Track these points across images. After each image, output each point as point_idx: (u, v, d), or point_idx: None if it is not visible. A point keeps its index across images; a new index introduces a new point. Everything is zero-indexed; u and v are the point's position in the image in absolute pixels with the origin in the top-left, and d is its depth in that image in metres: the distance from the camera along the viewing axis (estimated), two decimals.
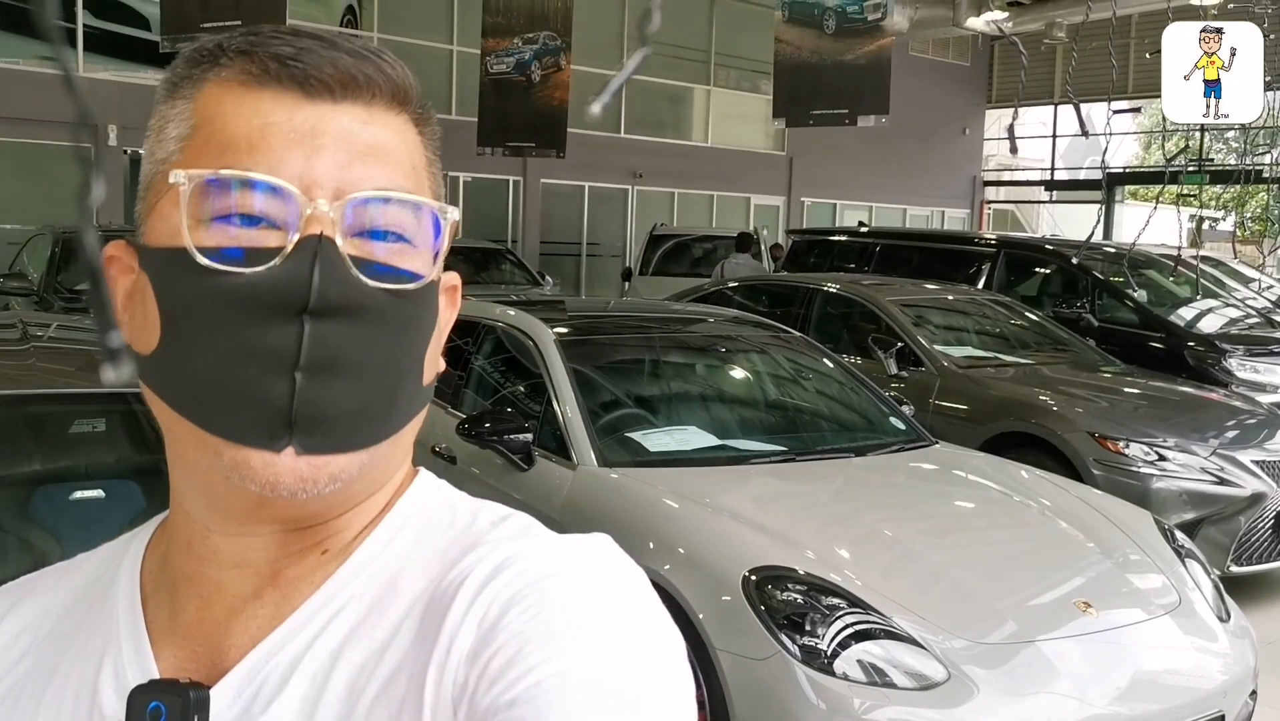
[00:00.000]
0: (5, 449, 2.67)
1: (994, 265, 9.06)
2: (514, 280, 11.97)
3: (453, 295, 0.74)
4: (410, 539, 0.69)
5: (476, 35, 11.23)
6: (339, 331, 0.61)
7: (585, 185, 17.18)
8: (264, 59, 0.64)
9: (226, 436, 0.61)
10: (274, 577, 0.67)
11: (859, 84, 9.67)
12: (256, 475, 0.61)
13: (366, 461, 0.65)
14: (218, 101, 0.65)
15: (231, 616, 0.67)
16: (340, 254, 0.61)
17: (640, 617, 0.62)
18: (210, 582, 0.68)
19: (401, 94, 0.67)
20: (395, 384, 0.65)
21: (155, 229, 0.65)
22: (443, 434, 4.33)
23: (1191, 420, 5.78)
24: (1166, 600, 3.32)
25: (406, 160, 0.67)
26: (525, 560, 0.63)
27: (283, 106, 0.64)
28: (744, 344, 4.98)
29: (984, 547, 3.63)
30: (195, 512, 0.68)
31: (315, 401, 0.60)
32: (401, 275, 0.64)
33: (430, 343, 0.68)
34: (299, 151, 0.63)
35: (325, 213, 0.61)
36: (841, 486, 3.99)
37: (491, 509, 0.71)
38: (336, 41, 0.66)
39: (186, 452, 0.65)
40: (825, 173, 19.62)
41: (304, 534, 0.67)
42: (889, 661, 2.80)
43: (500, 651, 0.58)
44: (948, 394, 6.12)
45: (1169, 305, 8.57)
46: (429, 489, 0.73)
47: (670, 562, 3.14)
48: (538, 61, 10.82)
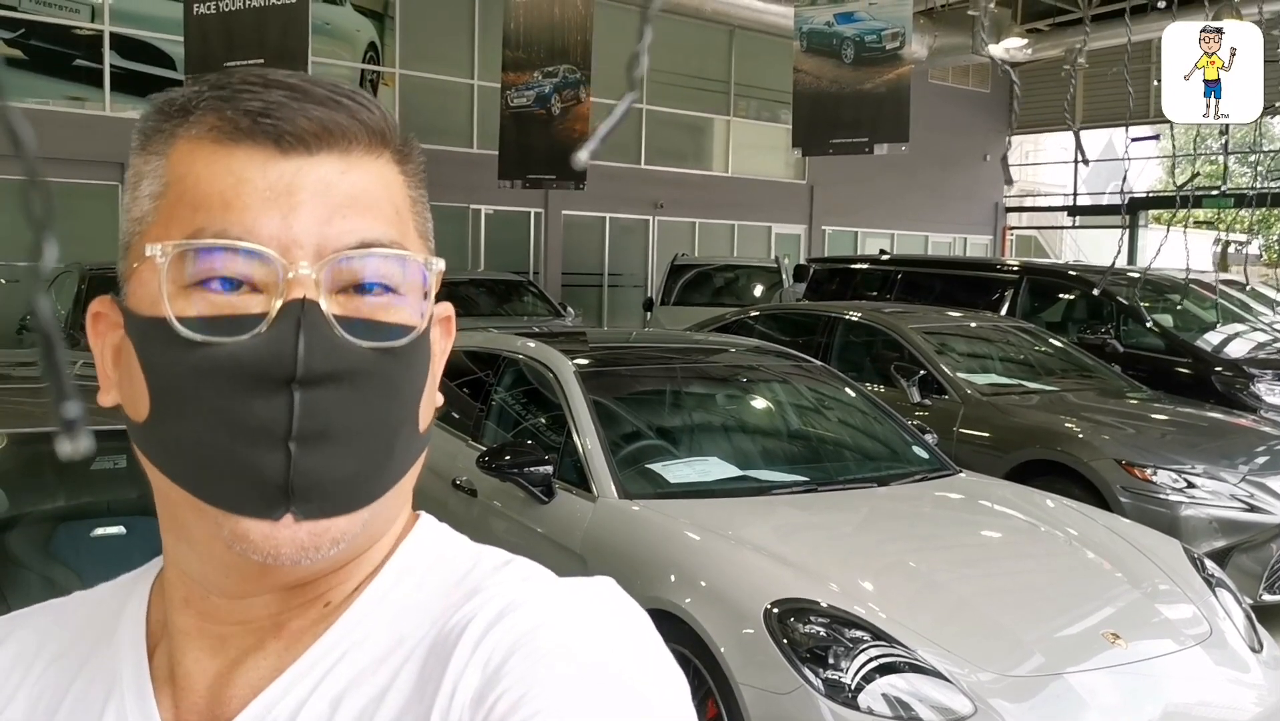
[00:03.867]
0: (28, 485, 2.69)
1: (1017, 291, 9.01)
2: (536, 311, 12.01)
3: (447, 325, 0.73)
4: (411, 586, 0.68)
5: (497, 70, 11.31)
6: (329, 398, 0.60)
7: (606, 216, 17.25)
8: (235, 115, 0.63)
9: (225, 507, 0.60)
10: (277, 630, 0.67)
11: (878, 112, 9.69)
12: (258, 546, 0.61)
13: (368, 518, 0.64)
14: (190, 159, 0.64)
15: (233, 668, 0.66)
16: (325, 317, 0.60)
17: (644, 660, 0.61)
18: (212, 637, 0.67)
19: (379, 136, 0.66)
20: (391, 439, 0.64)
21: (136, 294, 0.64)
22: (464, 467, 4.33)
23: (1220, 446, 5.71)
24: (1197, 630, 3.26)
25: (388, 204, 0.66)
26: (529, 605, 0.62)
27: (255, 163, 0.62)
28: (765, 373, 4.97)
29: (1010, 578, 3.58)
30: (193, 574, 0.67)
31: (311, 470, 0.60)
32: (391, 331, 0.63)
33: (425, 388, 0.67)
34: (275, 210, 0.61)
35: (307, 275, 0.60)
36: (864, 517, 3.95)
37: (492, 554, 0.71)
38: (308, 90, 0.64)
39: (184, 518, 0.64)
40: (846, 201, 19.63)
41: (305, 588, 0.67)
42: (914, 695, 2.76)
43: (505, 696, 0.58)
44: (972, 422, 6.07)
45: (1195, 330, 8.49)
46: (429, 535, 0.73)
47: (691, 596, 3.11)
48: (557, 95, 10.89)
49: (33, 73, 12.59)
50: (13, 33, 12.49)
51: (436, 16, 15.25)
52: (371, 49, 15.14)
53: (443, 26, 15.33)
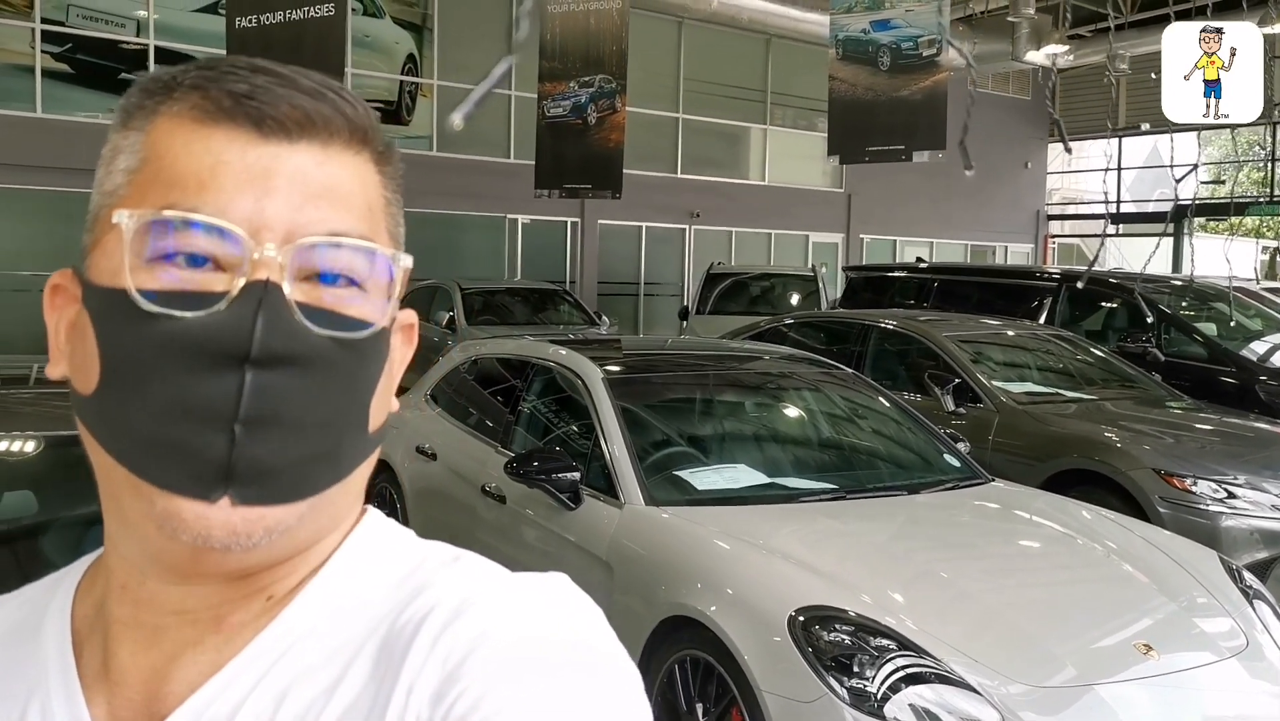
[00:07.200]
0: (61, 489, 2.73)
1: (1055, 300, 8.91)
2: (571, 320, 12.04)
3: (409, 333, 0.72)
4: (357, 581, 0.67)
5: (533, 80, 11.37)
6: (281, 382, 0.59)
7: (642, 225, 17.27)
8: (218, 95, 0.62)
9: (160, 485, 0.59)
10: (217, 624, 0.65)
11: (914, 120, 9.61)
12: (188, 526, 0.59)
13: (307, 512, 0.63)
14: (169, 136, 0.63)
15: (170, 662, 0.65)
16: (286, 301, 0.59)
17: (601, 657, 0.61)
18: (148, 628, 0.65)
19: (360, 133, 0.65)
20: (339, 434, 0.63)
21: (98, 265, 0.63)
22: (494, 473, 4.35)
23: (1264, 457, 5.59)
24: (1233, 642, 3.19)
25: (362, 201, 0.65)
26: (486, 603, 0.62)
27: (235, 145, 0.62)
28: (795, 381, 4.94)
29: (1042, 589, 3.53)
30: (131, 558, 0.65)
31: (254, 454, 0.58)
32: (350, 324, 0.62)
33: (379, 388, 0.66)
34: (250, 192, 0.61)
35: (273, 257, 0.60)
36: (894, 525, 3.91)
37: (440, 549, 0.70)
38: (295, 79, 0.64)
39: (121, 497, 0.63)
40: (884, 209, 19.51)
41: (247, 580, 0.65)
42: (942, 706, 2.72)
43: (464, 695, 0.57)
44: (1007, 431, 6.00)
45: (1239, 338, 8.34)
46: (376, 530, 0.71)
47: (716, 603, 3.10)
48: (593, 104, 10.92)
49: (80, 86, 12.84)
50: (60, 47, 12.75)
51: (474, 28, 15.36)
52: (410, 61, 15.29)
53: (480, 38, 15.45)
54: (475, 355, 5.59)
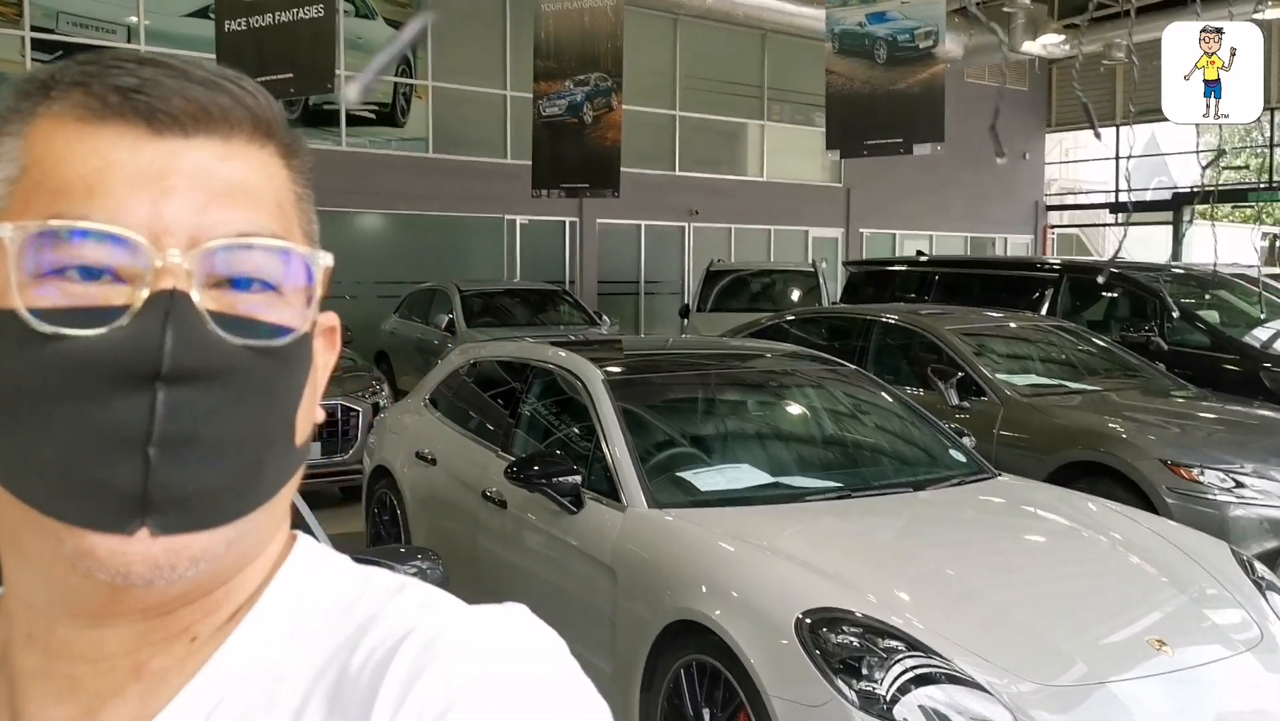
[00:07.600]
0: None
1: (1057, 290, 8.87)
2: (571, 320, 12.01)
3: (331, 337, 0.67)
4: (292, 615, 0.62)
5: (529, 80, 11.33)
6: (196, 398, 0.54)
7: (641, 224, 17.22)
8: (103, 91, 0.57)
9: (69, 520, 0.54)
10: (137, 671, 0.59)
11: (912, 113, 9.57)
12: (104, 564, 0.54)
13: (234, 537, 0.58)
14: (49, 139, 0.57)
15: (88, 717, 0.59)
16: (196, 310, 0.54)
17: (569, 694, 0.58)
18: (60, 679, 0.59)
19: (264, 125, 0.60)
20: (263, 450, 0.58)
21: None
22: (494, 478, 4.31)
23: (1271, 445, 5.56)
24: (1247, 635, 3.15)
25: (271, 199, 0.60)
26: (453, 647, 0.57)
27: (125, 144, 0.56)
28: (797, 379, 4.90)
29: (1051, 585, 3.49)
30: (36, 603, 0.59)
31: (172, 478, 0.53)
32: (268, 330, 0.57)
33: (303, 398, 0.61)
34: (145, 195, 0.55)
35: (178, 264, 0.54)
36: (900, 523, 3.88)
37: (381, 576, 0.65)
38: (187, 70, 0.59)
39: (22, 536, 0.57)
40: (884, 203, 19.47)
41: (167, 620, 0.59)
42: (952, 707, 2.68)
43: None
44: (1012, 424, 5.96)
45: (1243, 326, 8.30)
46: (308, 556, 0.66)
47: (721, 607, 3.06)
48: (589, 103, 10.88)
49: None
50: (51, 55, 12.71)
51: (468, 29, 15.31)
52: (404, 62, 15.24)
53: (474, 38, 15.40)
54: (474, 358, 5.55)
